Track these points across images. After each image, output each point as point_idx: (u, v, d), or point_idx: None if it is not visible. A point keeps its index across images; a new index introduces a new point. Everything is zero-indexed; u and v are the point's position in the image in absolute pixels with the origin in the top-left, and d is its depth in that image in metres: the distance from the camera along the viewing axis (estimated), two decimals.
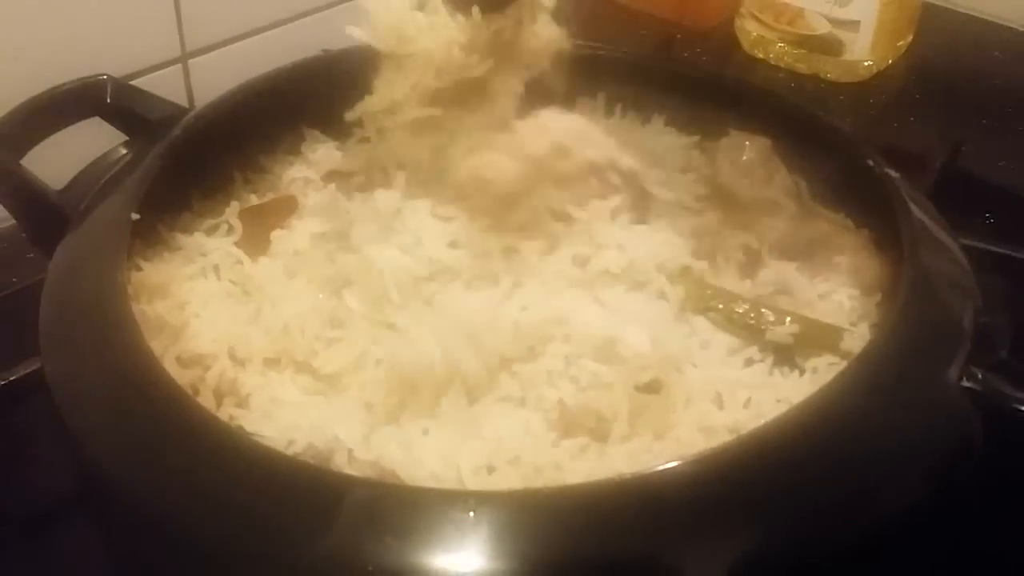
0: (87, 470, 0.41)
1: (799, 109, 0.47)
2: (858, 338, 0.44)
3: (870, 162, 0.48)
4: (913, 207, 0.45)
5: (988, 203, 0.76)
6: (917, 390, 0.38)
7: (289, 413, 0.42)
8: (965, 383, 0.38)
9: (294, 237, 0.50)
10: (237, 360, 0.44)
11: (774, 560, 0.34)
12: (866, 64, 0.91)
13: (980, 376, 0.38)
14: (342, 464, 0.39)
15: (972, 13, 1.01)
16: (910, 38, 0.96)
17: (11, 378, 0.55)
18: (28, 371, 0.54)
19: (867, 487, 0.36)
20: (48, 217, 0.49)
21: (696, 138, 0.57)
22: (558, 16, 0.54)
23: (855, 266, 0.48)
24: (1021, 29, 0.99)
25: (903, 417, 0.37)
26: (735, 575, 0.34)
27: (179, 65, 0.78)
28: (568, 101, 0.57)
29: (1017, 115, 0.87)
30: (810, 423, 0.36)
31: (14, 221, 0.70)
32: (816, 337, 0.45)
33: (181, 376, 0.42)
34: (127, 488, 0.38)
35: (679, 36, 0.88)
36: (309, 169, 0.55)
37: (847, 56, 0.89)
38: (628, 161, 0.51)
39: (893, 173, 0.47)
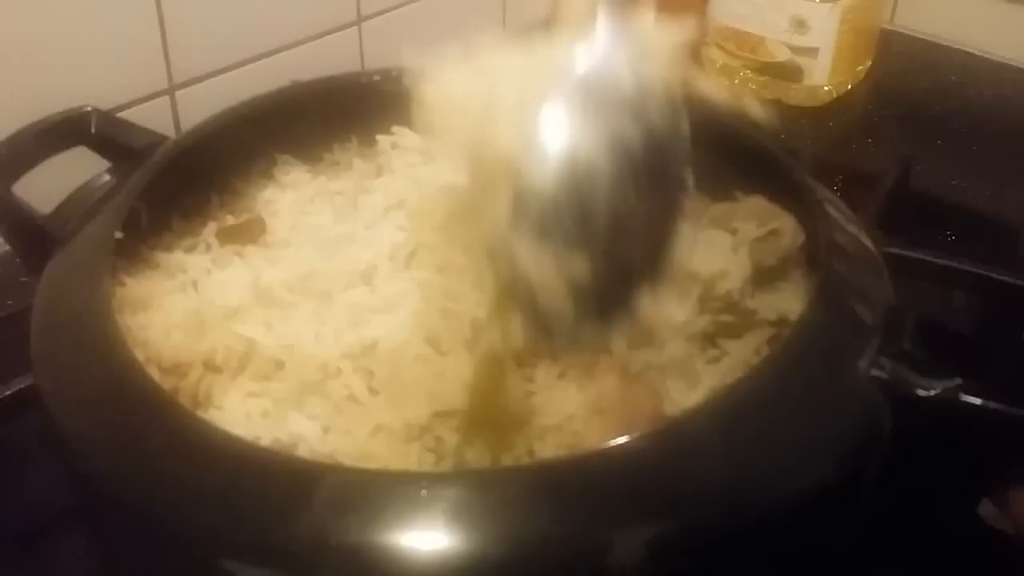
0: (79, 469, 0.43)
1: (722, 125, 0.50)
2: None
3: (789, 169, 0.51)
4: (830, 210, 0.48)
5: (941, 218, 0.79)
6: (831, 379, 0.41)
7: (256, 414, 0.45)
8: (874, 372, 0.41)
9: (264, 255, 0.53)
10: (211, 368, 0.47)
11: (694, 537, 0.37)
12: (825, 89, 0.94)
13: (888, 366, 0.41)
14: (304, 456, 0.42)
15: (928, 39, 1.05)
16: (869, 63, 0.99)
17: (6, 393, 0.58)
18: (20, 387, 0.57)
19: (784, 471, 0.39)
20: (37, 240, 0.52)
21: None
22: None
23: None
24: (975, 53, 1.03)
25: (818, 404, 0.40)
26: (657, 549, 0.37)
27: (167, 97, 0.81)
28: None
29: (970, 136, 0.91)
30: (728, 410, 0.39)
31: (5, 248, 0.74)
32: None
33: (161, 382, 0.45)
34: (117, 484, 0.40)
35: None
36: (282, 192, 0.58)
37: (807, 82, 0.93)
38: None
39: (810, 180, 0.50)
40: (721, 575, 0.39)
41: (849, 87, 0.97)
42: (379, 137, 0.60)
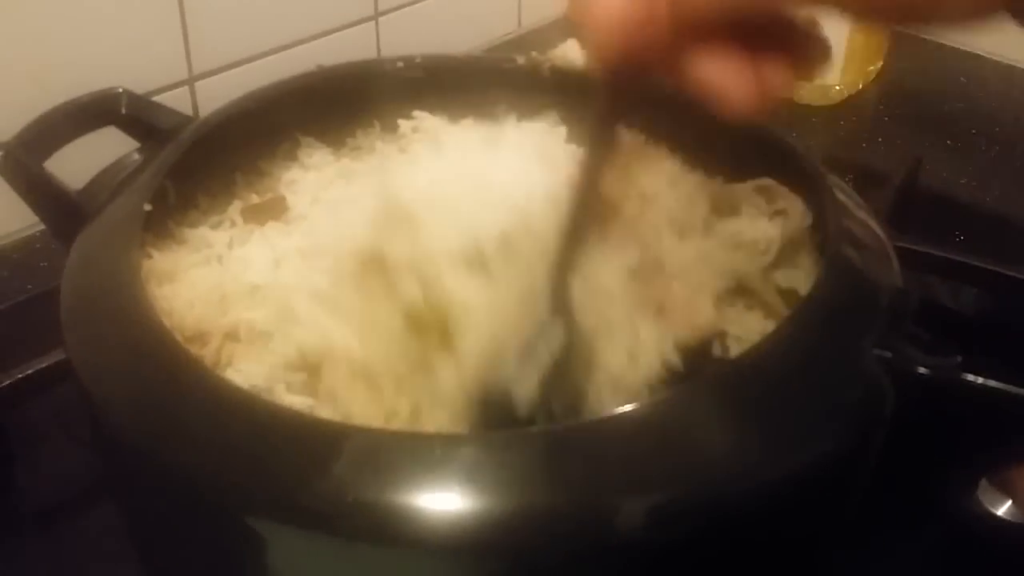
0: (108, 432, 0.45)
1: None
2: None
3: (799, 155, 0.53)
4: (840, 195, 0.50)
5: (950, 217, 0.80)
6: (835, 355, 0.42)
7: (271, 379, 0.46)
8: (878, 351, 0.42)
9: (284, 230, 0.55)
10: (232, 337, 0.49)
11: (697, 506, 0.38)
12: (837, 88, 0.95)
13: (892, 344, 0.42)
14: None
15: (939, 40, 1.06)
16: (880, 64, 1.01)
17: (28, 371, 0.59)
18: (37, 368, 0.59)
19: (787, 444, 0.40)
20: (68, 214, 0.53)
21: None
22: None
23: None
24: (984, 55, 1.04)
25: (822, 379, 0.41)
26: (663, 515, 0.38)
27: (186, 87, 0.83)
28: None
29: (979, 136, 0.92)
30: (733, 382, 0.41)
31: (27, 233, 0.76)
32: None
33: None
34: (146, 446, 0.41)
35: None
36: (305, 172, 0.59)
37: (819, 81, 0.94)
38: None
39: (820, 167, 0.52)
40: (723, 545, 0.40)
41: (860, 87, 0.98)
42: (400, 121, 0.61)
